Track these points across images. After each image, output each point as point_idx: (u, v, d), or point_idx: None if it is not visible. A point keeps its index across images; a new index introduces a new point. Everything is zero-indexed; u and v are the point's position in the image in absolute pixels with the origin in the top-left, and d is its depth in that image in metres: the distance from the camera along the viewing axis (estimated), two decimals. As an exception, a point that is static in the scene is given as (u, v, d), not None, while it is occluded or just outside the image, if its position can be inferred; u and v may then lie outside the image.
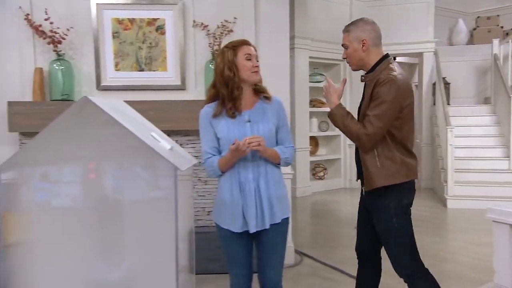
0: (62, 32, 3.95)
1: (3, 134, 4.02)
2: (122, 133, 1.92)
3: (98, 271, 2.08)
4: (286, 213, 2.27)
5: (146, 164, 2.02)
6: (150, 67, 4.19)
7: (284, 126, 2.28)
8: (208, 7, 4.18)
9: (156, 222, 2.02)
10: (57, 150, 2.02)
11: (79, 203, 2.07)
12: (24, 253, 1.96)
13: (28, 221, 1.99)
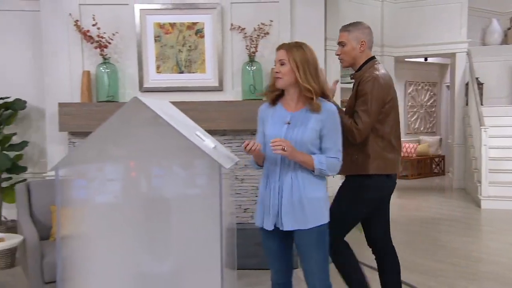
0: (108, 37, 4.04)
1: (54, 134, 4.16)
2: (170, 132, 1.94)
3: (145, 265, 2.11)
4: (319, 220, 2.09)
5: (192, 162, 2.04)
6: (189, 69, 4.24)
7: (330, 135, 2.09)
8: (245, 11, 4.19)
9: (202, 218, 2.03)
10: (108, 148, 2.06)
11: (128, 200, 2.11)
12: (78, 246, 2.01)
13: (82, 216, 2.04)
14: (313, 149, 2.09)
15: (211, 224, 2.01)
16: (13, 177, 4.28)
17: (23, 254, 3.08)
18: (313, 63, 2.08)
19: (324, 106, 2.09)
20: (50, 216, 3.33)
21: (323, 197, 2.13)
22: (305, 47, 2.10)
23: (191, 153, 2.03)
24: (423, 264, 4.06)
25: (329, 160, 2.08)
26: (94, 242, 2.06)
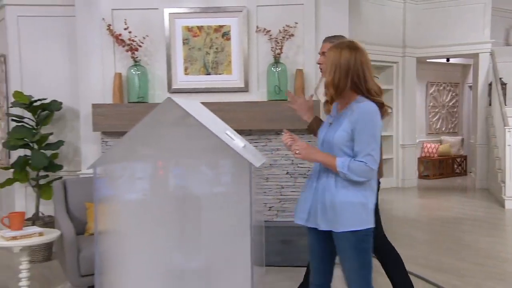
0: (138, 40, 4.09)
1: (87, 133, 4.24)
2: (201, 131, 1.96)
3: (177, 261, 2.13)
4: (352, 225, 1.97)
5: (223, 161, 2.05)
6: (216, 70, 4.26)
7: (359, 138, 1.95)
8: (271, 13, 4.18)
9: (231, 216, 2.04)
10: (142, 148, 2.09)
11: (160, 198, 2.13)
12: (113, 241, 2.04)
13: (117, 213, 2.08)
14: (347, 150, 1.98)
15: (241, 222, 2.02)
16: (49, 174, 4.38)
17: (60, 248, 3.15)
18: (345, 66, 1.97)
19: (357, 107, 1.97)
20: (85, 212, 3.40)
21: (359, 202, 1.98)
22: (345, 49, 1.99)
23: (221, 152, 2.04)
24: (448, 263, 3.98)
25: (354, 164, 1.93)
26: (129, 238, 2.09)
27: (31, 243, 2.81)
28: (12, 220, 2.83)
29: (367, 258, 2.02)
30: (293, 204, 4.18)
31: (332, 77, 1.98)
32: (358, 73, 1.97)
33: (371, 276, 2.04)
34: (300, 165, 4.18)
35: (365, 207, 1.99)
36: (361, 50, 2.00)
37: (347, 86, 1.98)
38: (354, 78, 1.97)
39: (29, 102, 4.25)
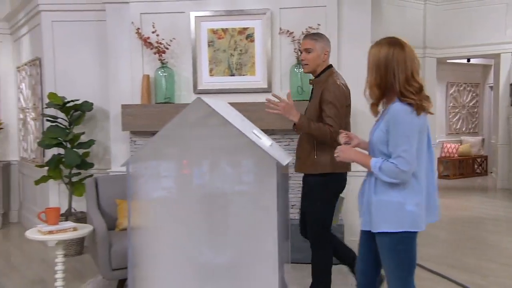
0: (166, 43, 4.13)
1: (117, 133, 4.29)
2: (230, 131, 1.96)
3: (205, 256, 2.14)
4: (388, 226, 1.89)
5: (251, 159, 2.05)
6: (240, 72, 4.26)
7: (391, 139, 1.86)
8: (293, 15, 4.17)
9: (259, 213, 2.04)
10: (172, 146, 2.10)
11: (189, 195, 2.14)
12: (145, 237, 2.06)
13: (148, 209, 2.09)
14: (384, 150, 1.91)
15: (268, 219, 2.01)
16: (81, 172, 4.45)
17: (92, 243, 3.20)
18: (384, 65, 1.86)
19: (391, 107, 1.88)
20: (115, 209, 3.44)
21: (395, 202, 1.88)
22: (385, 46, 1.88)
23: (249, 150, 2.04)
24: (471, 263, 3.89)
25: (385, 165, 1.86)
26: (160, 233, 2.11)
27: (66, 237, 2.86)
28: (48, 215, 2.89)
29: (405, 259, 1.93)
30: (316, 203, 4.16)
31: (374, 77, 1.89)
32: (393, 72, 1.85)
33: (411, 277, 1.95)
34: (322, 164, 4.14)
35: (401, 208, 1.88)
36: (402, 46, 1.88)
37: (388, 85, 1.87)
38: (393, 77, 1.85)
39: (62, 103, 4.33)
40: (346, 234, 4.11)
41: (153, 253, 2.08)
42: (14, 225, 5.65)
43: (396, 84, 1.86)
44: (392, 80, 1.86)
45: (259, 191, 2.05)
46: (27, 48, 5.24)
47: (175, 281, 2.11)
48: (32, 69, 5.03)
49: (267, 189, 2.01)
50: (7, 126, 5.75)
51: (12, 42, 5.75)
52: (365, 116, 4.23)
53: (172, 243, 2.10)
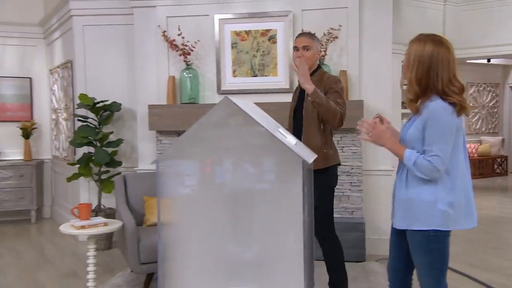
0: (191, 45, 4.15)
1: (144, 133, 4.34)
2: (257, 129, 1.95)
3: (232, 252, 2.13)
4: (420, 224, 1.82)
5: (277, 158, 2.03)
6: (262, 72, 4.24)
7: (427, 136, 1.79)
8: (315, 16, 4.13)
9: (285, 210, 2.02)
10: (200, 145, 2.10)
11: (217, 192, 2.13)
12: (175, 232, 2.07)
13: (177, 206, 2.10)
14: (418, 148, 1.84)
15: (294, 216, 1.99)
16: (110, 170, 4.51)
17: (121, 238, 3.23)
18: (426, 61, 1.79)
19: (427, 106, 1.81)
20: (143, 205, 3.46)
21: (426, 200, 1.81)
22: (430, 43, 1.81)
23: (275, 149, 2.02)
24: (494, 263, 3.79)
25: (420, 160, 1.79)
26: (188, 229, 2.11)
27: (97, 232, 2.89)
28: (81, 211, 2.93)
29: (438, 258, 1.85)
30: (336, 201, 4.09)
31: (415, 73, 1.82)
32: (437, 71, 1.78)
33: (443, 275, 1.89)
34: (343, 163, 4.08)
35: (432, 206, 1.80)
36: (447, 46, 1.81)
37: (430, 83, 1.80)
38: (436, 76, 1.79)
39: (92, 103, 4.39)
40: (367, 232, 4.05)
41: (182, 249, 2.08)
42: (46, 220, 5.76)
43: (439, 83, 1.79)
44: (434, 79, 1.80)
45: (285, 188, 2.03)
46: (59, 52, 5.34)
47: (202, 276, 2.11)
48: (64, 71, 5.12)
49: (293, 186, 1.99)
50: (41, 126, 5.87)
51: (45, 46, 5.86)
52: (386, 115, 4.16)
53: (200, 239, 2.10)
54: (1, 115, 5.72)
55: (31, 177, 5.51)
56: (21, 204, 5.50)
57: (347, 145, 4.10)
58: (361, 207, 4.06)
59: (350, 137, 4.10)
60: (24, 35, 5.74)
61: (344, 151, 4.09)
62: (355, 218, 4.03)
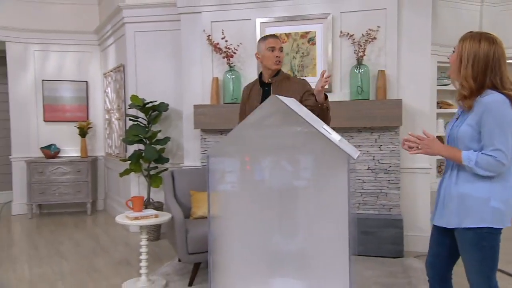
0: (233, 48, 4.14)
1: (189, 131, 4.37)
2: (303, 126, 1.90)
3: (277, 243, 2.09)
4: (471, 222, 1.72)
5: (323, 153, 1.97)
6: (302, 73, 4.18)
7: (485, 131, 1.70)
8: (354, 18, 4.02)
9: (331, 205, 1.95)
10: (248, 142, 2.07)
11: (263, 186, 2.09)
12: (224, 225, 2.05)
13: (226, 200, 2.08)
14: (472, 145, 1.75)
15: (339, 211, 1.92)
16: (158, 166, 4.58)
17: (170, 229, 3.25)
18: (483, 59, 1.73)
19: (482, 100, 1.72)
20: (189, 199, 3.48)
21: (480, 197, 1.72)
22: (484, 41, 1.74)
23: (321, 145, 1.96)
24: None
25: (481, 158, 1.70)
26: (236, 222, 2.08)
27: (149, 223, 2.93)
28: (134, 203, 2.97)
29: (489, 256, 1.75)
30: (374, 198, 3.99)
31: (471, 70, 1.74)
32: (495, 68, 1.72)
33: (493, 272, 1.78)
34: (381, 161, 3.97)
35: (485, 203, 1.72)
36: (500, 43, 1.76)
37: (486, 79, 1.73)
38: (491, 72, 1.72)
39: (142, 104, 4.47)
40: (405, 229, 3.91)
41: (230, 240, 2.06)
42: (100, 212, 5.93)
43: (496, 79, 1.72)
44: (491, 75, 1.73)
45: (331, 183, 1.97)
46: (113, 56, 5.49)
47: (248, 267, 2.08)
48: (117, 74, 5.25)
49: (339, 181, 1.92)
50: (95, 125, 6.06)
51: (100, 52, 6.04)
52: (424, 115, 4.01)
53: (247, 231, 2.07)
54: (62, 116, 5.95)
55: (87, 173, 5.69)
56: (78, 197, 5.69)
57: (385, 143, 3.97)
58: (399, 204, 3.93)
59: (388, 135, 3.97)
60: (81, 42, 5.94)
61: (382, 149, 3.97)
62: (393, 215, 3.91)
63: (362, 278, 3.22)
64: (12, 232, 4.94)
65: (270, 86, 2.71)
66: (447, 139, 1.89)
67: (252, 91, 2.79)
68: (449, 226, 1.80)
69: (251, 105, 2.72)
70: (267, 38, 2.72)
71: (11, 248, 4.24)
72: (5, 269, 3.63)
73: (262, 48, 2.69)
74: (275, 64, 2.67)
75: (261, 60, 2.71)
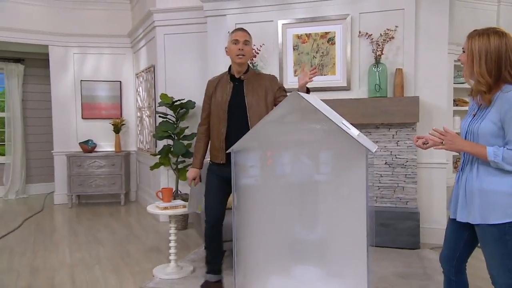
0: (256, 48, 4.12)
1: (215, 127, 4.38)
2: (324, 120, 1.87)
3: (298, 233, 2.07)
4: (494, 217, 1.65)
5: (342, 147, 1.94)
6: (321, 72, 4.13)
7: (508, 126, 1.62)
8: (372, 18, 3.94)
9: (349, 197, 1.92)
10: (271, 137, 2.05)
11: (285, 179, 2.08)
12: (247, 215, 2.05)
13: (250, 191, 2.07)
14: (494, 141, 1.67)
15: (357, 203, 1.89)
16: (185, 160, 4.62)
17: (197, 219, 3.28)
18: (495, 53, 1.64)
19: (505, 96, 1.63)
20: (215, 191, 3.49)
21: (503, 191, 1.64)
22: (493, 35, 1.66)
23: (340, 139, 1.93)
24: None
25: (507, 153, 1.62)
26: (259, 212, 2.08)
27: (177, 212, 2.96)
28: (164, 194, 3.01)
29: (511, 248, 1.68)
30: (391, 191, 3.91)
31: (484, 66, 1.66)
32: (508, 60, 1.64)
33: None
34: (398, 156, 3.89)
35: (509, 197, 1.64)
36: (508, 34, 1.67)
37: (502, 73, 1.64)
38: (506, 65, 1.64)
39: (171, 102, 4.51)
40: (421, 221, 3.82)
41: (254, 229, 2.06)
42: (133, 203, 6.04)
43: (494, 77, 1.65)
44: (505, 68, 1.64)
45: (350, 176, 1.94)
46: (144, 58, 5.56)
47: (270, 255, 2.07)
48: (148, 74, 5.32)
49: (357, 174, 1.89)
50: (128, 122, 6.16)
51: (132, 53, 6.14)
52: (440, 112, 3.89)
53: (269, 221, 2.06)
54: (98, 113, 6.08)
55: (121, 166, 5.80)
56: (113, 189, 5.81)
57: (402, 139, 3.88)
58: (415, 198, 3.84)
59: (405, 131, 3.88)
60: (116, 45, 6.04)
61: (399, 145, 3.88)
62: (409, 208, 3.82)
63: (380, 267, 3.18)
64: (54, 220, 5.09)
65: (242, 82, 2.54)
66: (464, 135, 1.81)
67: (219, 86, 2.58)
68: (473, 222, 1.72)
69: (217, 99, 2.54)
70: (234, 31, 2.55)
71: (54, 235, 4.38)
72: (48, 253, 3.75)
73: (228, 41, 2.55)
74: (237, 58, 2.47)
75: (228, 54, 2.56)
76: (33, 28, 5.68)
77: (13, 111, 6.43)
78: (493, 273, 1.72)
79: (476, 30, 1.73)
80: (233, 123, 2.50)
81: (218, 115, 2.53)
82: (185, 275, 3.07)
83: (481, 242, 1.75)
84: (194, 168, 2.69)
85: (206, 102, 2.65)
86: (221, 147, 2.53)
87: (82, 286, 2.97)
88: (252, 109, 2.48)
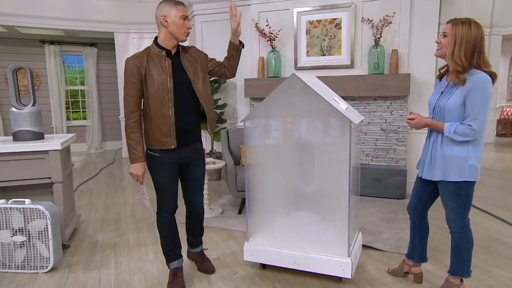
0: (275, 33, 4.02)
1: (241, 99, 4.41)
2: (316, 97, 1.87)
3: (298, 186, 2.14)
4: (452, 176, 1.67)
5: (332, 119, 1.94)
6: (329, 52, 3.99)
7: (468, 103, 1.61)
8: (373, 6, 3.71)
9: (336, 159, 1.95)
10: (276, 108, 2.08)
11: (287, 142, 2.12)
12: (256, 171, 2.13)
13: (259, 152, 2.14)
14: (458, 116, 1.66)
15: (343, 163, 1.92)
16: (218, 125, 4.72)
17: (225, 172, 3.42)
18: (473, 41, 1.60)
19: (472, 78, 1.60)
20: (239, 150, 3.58)
21: (459, 156, 1.66)
22: (474, 25, 1.61)
23: (330, 112, 1.93)
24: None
25: (459, 127, 1.63)
26: (266, 168, 2.15)
27: (209, 168, 3.09)
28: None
29: (465, 201, 1.71)
30: (385, 152, 3.86)
31: (464, 50, 1.61)
32: (481, 48, 1.61)
33: (467, 213, 1.75)
34: (392, 123, 3.79)
35: (464, 162, 1.66)
36: (482, 27, 1.64)
37: (473, 59, 1.61)
38: (477, 52, 1.61)
39: (207, 78, 4.54)
40: (408, 177, 3.78)
41: (261, 182, 2.14)
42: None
43: (480, 58, 1.62)
44: (476, 55, 1.61)
45: (338, 142, 1.96)
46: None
47: (275, 202, 2.17)
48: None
49: (343, 140, 1.90)
50: (176, 94, 6.27)
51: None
52: (429, 86, 3.70)
53: (274, 176, 2.14)
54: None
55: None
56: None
57: (396, 109, 3.76)
58: (404, 158, 3.78)
59: (398, 102, 3.75)
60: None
61: (393, 114, 3.78)
62: (399, 166, 3.78)
63: (369, 213, 3.22)
64: (122, 170, 5.42)
65: (178, 57, 1.87)
66: (432, 109, 1.78)
67: (151, 62, 1.82)
68: (435, 179, 1.75)
69: (156, 79, 1.80)
70: (179, 4, 1.80)
71: (121, 181, 4.70)
72: (117, 194, 4.05)
73: (172, 14, 1.78)
74: (185, 34, 1.82)
75: (168, 26, 1.79)
76: (102, 18, 5.78)
77: (90, 85, 6.72)
78: (450, 219, 1.77)
79: (458, 18, 1.65)
80: (179, 103, 1.83)
81: (160, 97, 1.80)
82: (216, 215, 3.25)
83: (441, 195, 1.77)
84: (140, 162, 1.83)
85: (133, 84, 1.81)
86: (170, 130, 1.83)
87: (140, 219, 3.23)
88: (196, 83, 1.87)
